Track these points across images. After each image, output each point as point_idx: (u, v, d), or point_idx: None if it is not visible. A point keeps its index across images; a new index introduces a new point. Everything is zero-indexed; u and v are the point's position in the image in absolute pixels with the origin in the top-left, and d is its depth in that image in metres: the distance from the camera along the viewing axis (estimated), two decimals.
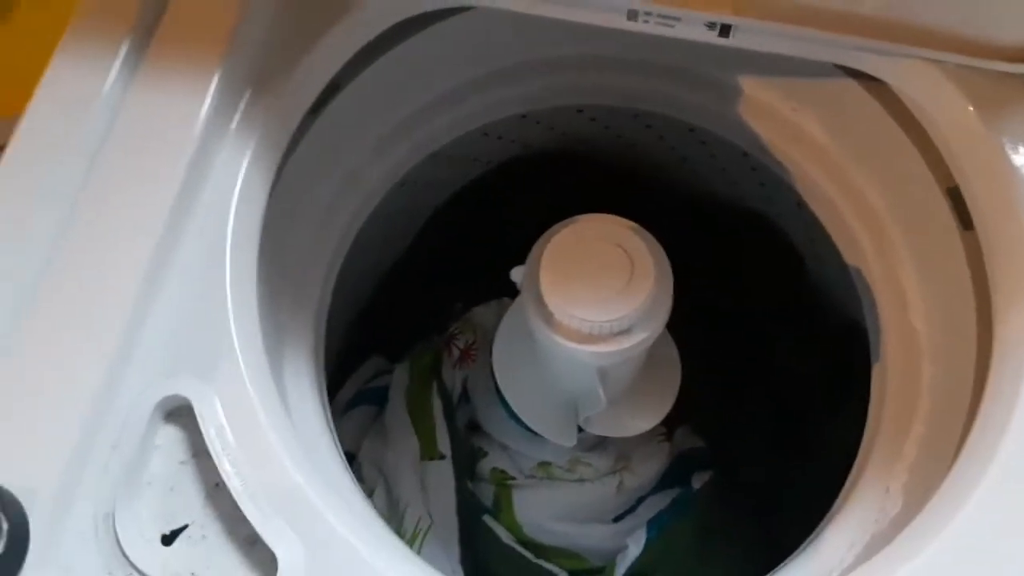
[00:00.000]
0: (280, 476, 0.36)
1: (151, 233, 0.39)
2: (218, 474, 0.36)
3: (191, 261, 0.40)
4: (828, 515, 0.50)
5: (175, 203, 0.40)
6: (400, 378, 0.69)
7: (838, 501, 0.50)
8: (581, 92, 0.67)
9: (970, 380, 0.45)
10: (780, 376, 0.76)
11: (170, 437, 0.38)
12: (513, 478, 0.65)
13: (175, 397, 0.37)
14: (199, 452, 0.37)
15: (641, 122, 0.72)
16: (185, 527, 0.36)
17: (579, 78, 0.65)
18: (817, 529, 0.49)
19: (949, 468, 0.40)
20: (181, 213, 0.40)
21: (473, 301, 0.77)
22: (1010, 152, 0.44)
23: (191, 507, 0.36)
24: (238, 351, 0.38)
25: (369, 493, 0.63)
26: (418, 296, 0.81)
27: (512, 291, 0.51)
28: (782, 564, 0.48)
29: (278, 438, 0.37)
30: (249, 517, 0.34)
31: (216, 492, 0.36)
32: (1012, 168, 0.44)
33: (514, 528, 0.64)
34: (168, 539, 0.35)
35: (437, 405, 0.66)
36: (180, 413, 0.38)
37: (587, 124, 0.73)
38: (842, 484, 0.51)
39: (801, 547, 0.49)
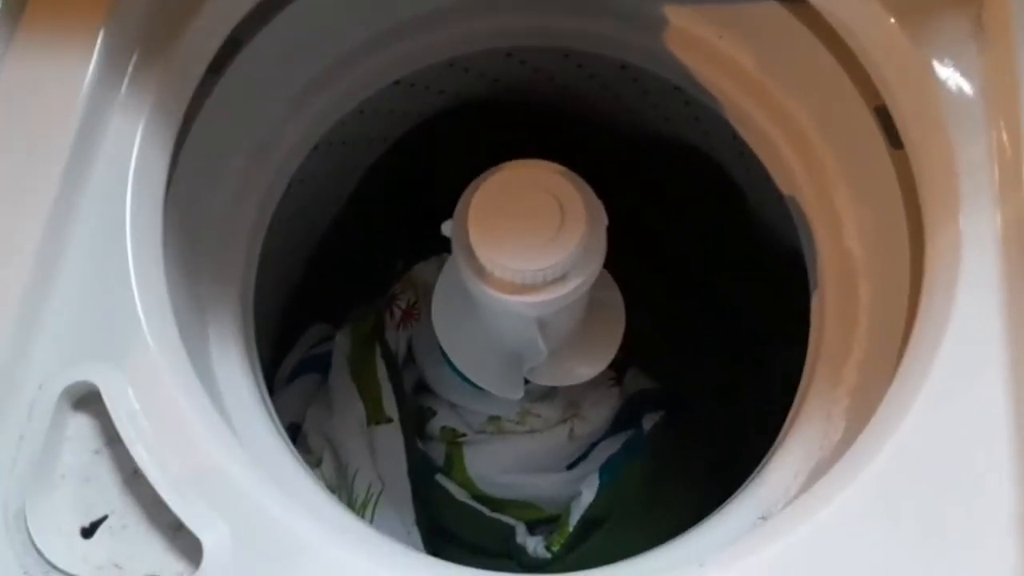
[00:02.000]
0: (200, 458, 0.34)
1: (40, 212, 0.36)
2: (134, 461, 0.34)
3: (88, 239, 0.37)
4: (773, 445, 0.50)
5: (64, 177, 0.37)
6: (342, 343, 0.68)
7: (783, 431, 0.50)
8: (508, 34, 0.64)
9: (904, 299, 0.45)
10: (727, 311, 0.76)
11: (81, 426, 0.36)
12: (464, 435, 0.65)
13: (82, 384, 0.35)
14: (113, 439, 0.35)
15: (572, 62, 0.70)
16: (105, 518, 0.34)
17: (505, 20, 0.63)
18: (763, 460, 0.49)
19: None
20: (72, 188, 0.38)
21: (415, 259, 0.75)
22: (935, 65, 0.43)
23: (109, 497, 0.34)
24: (146, 331, 0.36)
25: (316, 463, 0.62)
26: (358, 258, 0.79)
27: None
28: (730, 499, 0.48)
29: (197, 419, 0.35)
30: (169, 503, 0.33)
31: (134, 479, 0.35)
32: (937, 82, 0.43)
33: (467, 484, 0.63)
34: (88, 531, 0.34)
35: (381, 368, 0.64)
36: (90, 400, 0.35)
37: (517, 68, 0.71)
38: None
39: (748, 479, 0.49)
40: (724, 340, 0.74)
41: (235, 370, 0.48)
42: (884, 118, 0.48)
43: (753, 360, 0.71)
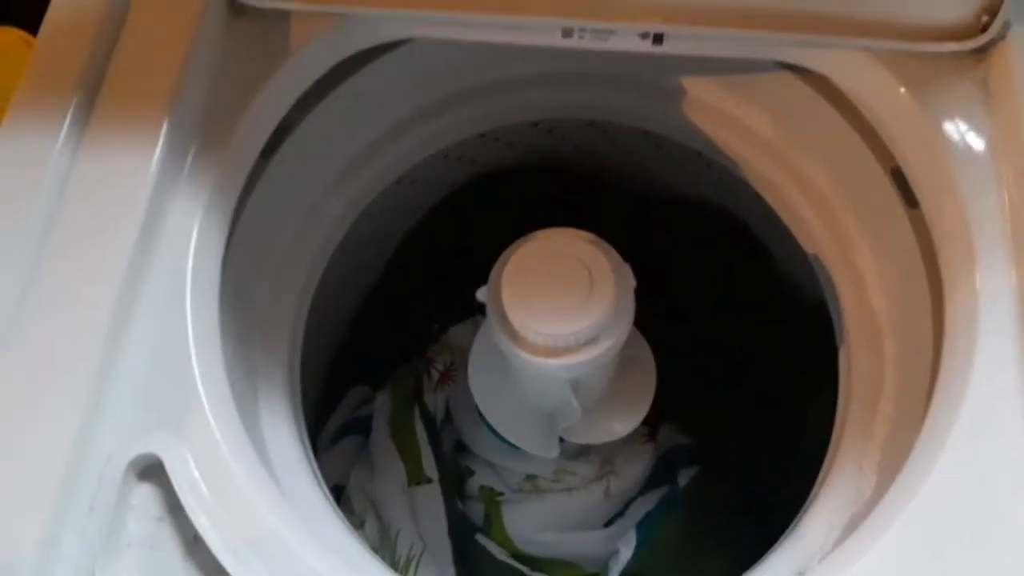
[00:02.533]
0: (256, 523, 0.36)
1: (109, 293, 0.39)
2: (195, 528, 0.36)
3: (152, 318, 0.40)
4: (808, 500, 0.51)
5: (131, 261, 0.40)
6: (382, 405, 0.70)
7: (816, 485, 0.51)
8: (534, 108, 0.68)
9: (929, 354, 0.46)
10: (758, 366, 0.77)
11: (145, 495, 0.38)
12: (501, 494, 0.66)
13: (147, 455, 0.38)
14: (175, 507, 0.37)
15: (597, 130, 0.73)
16: None
17: (531, 95, 0.66)
18: (798, 515, 0.50)
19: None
20: (138, 270, 0.41)
21: (451, 321, 0.78)
22: (944, 128, 0.45)
23: (172, 563, 0.37)
24: (205, 403, 0.39)
25: (360, 524, 0.64)
26: (397, 321, 0.81)
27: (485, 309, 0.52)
28: (766, 555, 0.48)
29: (252, 486, 0.38)
30: (228, 568, 0.35)
31: (195, 545, 0.37)
32: (947, 144, 0.45)
33: (507, 543, 0.64)
34: None
35: (420, 429, 0.66)
36: (153, 470, 0.38)
37: (544, 137, 0.74)
38: None
39: (784, 534, 0.49)
40: (755, 392, 0.75)
41: (283, 433, 0.51)
42: (899, 179, 0.50)
43: (784, 411, 0.72)
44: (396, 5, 0.46)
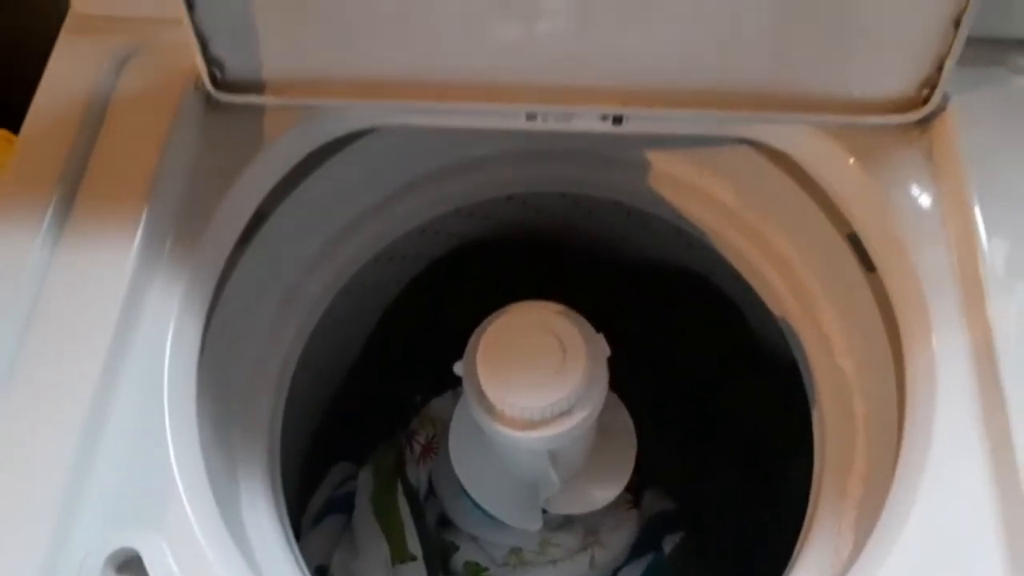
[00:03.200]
0: None
1: (87, 387, 0.40)
2: None
3: (129, 411, 0.41)
4: (789, 563, 0.51)
5: (109, 355, 0.41)
6: (365, 482, 0.70)
7: (797, 546, 0.51)
8: (506, 184, 0.70)
9: (895, 412, 0.47)
10: (738, 427, 0.77)
11: None
12: (487, 569, 0.66)
13: (125, 549, 0.38)
14: None
15: (568, 201, 0.75)
16: None
17: (501, 172, 0.68)
18: None
19: None
20: (116, 364, 0.41)
21: (432, 394, 0.78)
22: (893, 195, 0.47)
23: None
24: (183, 496, 0.39)
25: None
26: (378, 396, 0.82)
27: None
28: None
29: None
30: None
31: None
32: (897, 210, 0.47)
33: None
34: None
35: (403, 504, 0.66)
36: (132, 564, 0.38)
37: (518, 209, 0.76)
38: None
39: None
40: (737, 454, 0.75)
41: (264, 518, 0.51)
42: (856, 244, 0.52)
43: (766, 471, 0.73)
44: (363, 96, 0.48)
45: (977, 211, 0.45)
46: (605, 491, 0.60)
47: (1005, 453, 0.39)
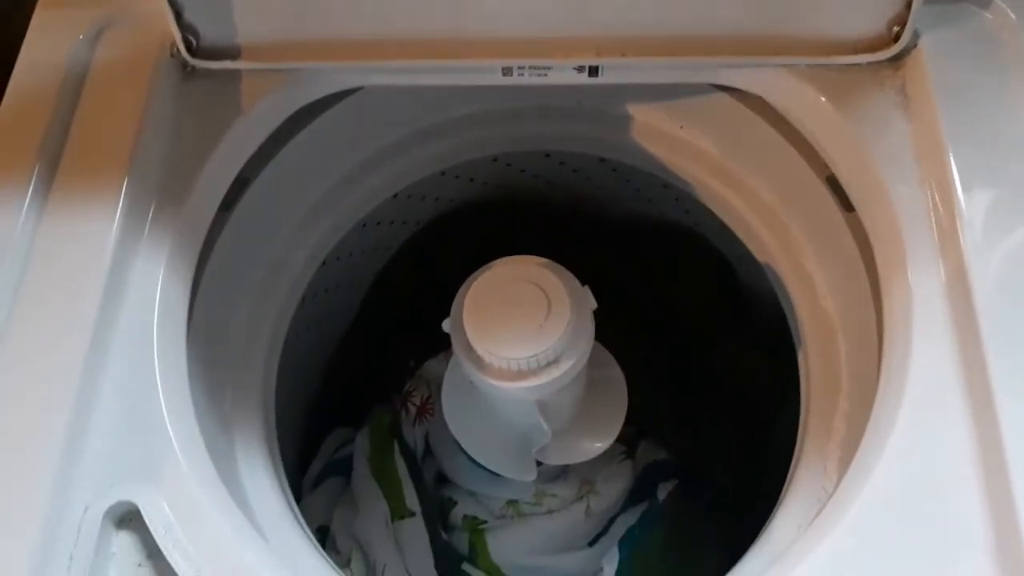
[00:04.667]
0: (233, 562, 0.38)
1: (78, 350, 0.41)
2: (175, 571, 0.37)
3: (121, 372, 0.42)
4: (777, 501, 0.52)
5: (98, 318, 0.42)
6: (362, 444, 0.71)
7: (785, 486, 0.52)
8: (490, 143, 0.70)
9: (875, 349, 0.48)
10: (729, 375, 0.78)
11: (124, 543, 0.39)
12: (484, 521, 0.67)
13: (124, 503, 0.39)
14: (153, 553, 0.38)
15: (554, 160, 0.75)
16: None
17: (485, 131, 0.68)
18: (769, 517, 0.51)
19: None
20: (105, 327, 0.42)
21: (425, 356, 0.79)
22: (868, 135, 0.48)
23: None
24: (177, 450, 0.40)
25: (346, 562, 0.64)
26: (373, 361, 0.83)
27: None
28: (741, 559, 0.50)
29: (229, 527, 0.39)
30: None
31: None
32: (872, 150, 0.47)
33: (493, 570, 0.65)
34: None
35: (401, 464, 0.67)
36: (131, 518, 0.39)
37: (504, 170, 0.77)
38: None
39: (756, 537, 0.51)
40: (728, 402, 0.77)
41: (262, 479, 0.52)
42: (835, 186, 0.52)
43: (757, 418, 0.74)
44: (339, 58, 0.48)
45: (950, 148, 0.45)
46: (597, 442, 0.61)
47: (980, 384, 0.40)
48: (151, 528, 0.38)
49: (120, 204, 0.45)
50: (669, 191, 0.70)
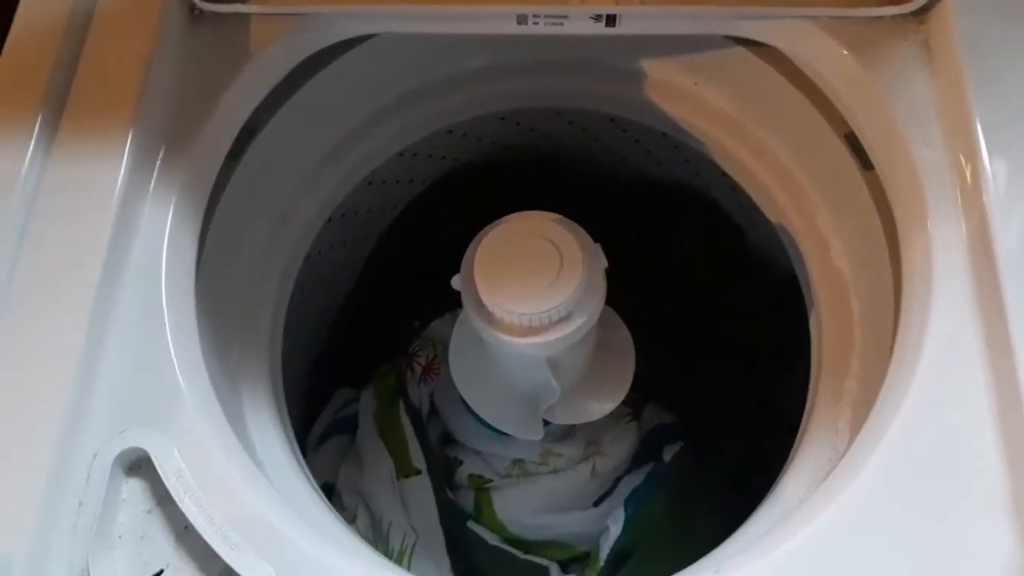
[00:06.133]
0: (243, 508, 0.37)
1: (87, 297, 0.40)
2: (185, 517, 0.37)
3: (130, 318, 0.41)
4: (787, 461, 0.52)
5: (105, 265, 0.41)
6: (367, 403, 0.71)
7: (794, 446, 0.52)
8: (499, 99, 0.69)
9: (891, 310, 0.48)
10: (736, 338, 0.78)
11: (134, 489, 0.39)
12: (490, 480, 0.67)
13: (133, 450, 0.39)
14: (164, 499, 0.38)
15: (563, 119, 0.74)
16: (161, 572, 0.37)
17: (495, 86, 0.67)
18: (778, 477, 0.51)
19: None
20: (113, 274, 0.42)
21: (431, 317, 0.79)
22: (891, 90, 0.47)
23: (164, 552, 0.37)
24: (187, 397, 0.39)
25: (351, 519, 0.64)
26: (379, 320, 0.82)
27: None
28: (749, 517, 0.49)
29: (238, 473, 0.38)
30: (219, 552, 0.36)
31: (186, 534, 0.38)
32: (895, 105, 0.46)
33: (498, 529, 0.65)
34: None
35: (406, 423, 0.67)
36: (141, 464, 0.39)
37: (512, 129, 0.76)
38: None
39: (766, 496, 0.51)
40: (736, 365, 0.76)
41: (269, 432, 0.51)
42: (853, 143, 0.51)
43: (765, 381, 0.73)
44: (351, 2, 0.47)
45: (975, 104, 0.44)
46: (605, 402, 0.61)
47: (1001, 341, 0.39)
48: (162, 475, 0.38)
49: (127, 150, 0.44)
50: (680, 152, 0.69)
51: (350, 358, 0.80)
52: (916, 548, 0.36)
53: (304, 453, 0.72)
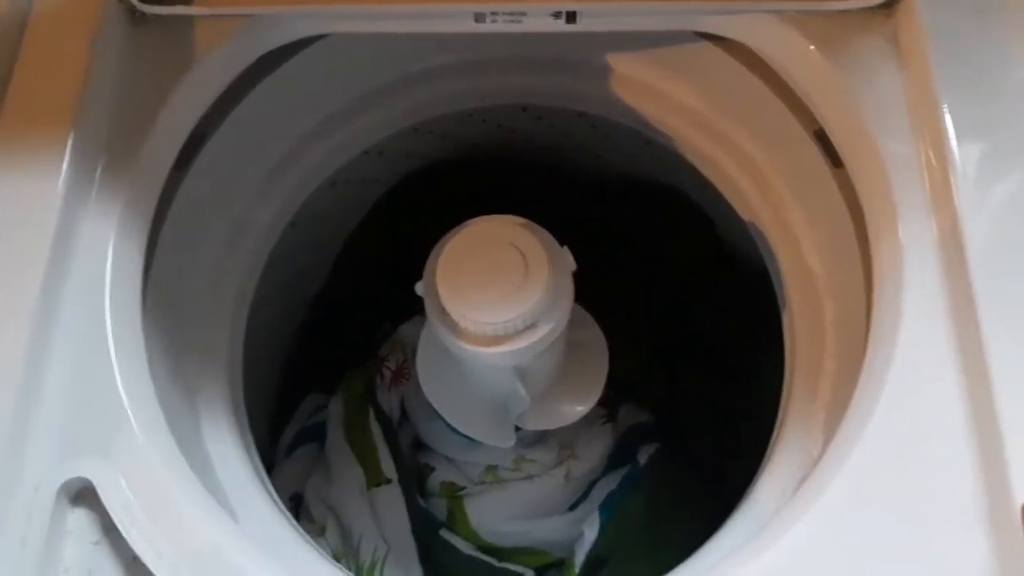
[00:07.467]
0: (194, 539, 0.36)
1: (24, 321, 0.38)
2: (132, 549, 0.35)
3: (72, 341, 0.39)
4: (761, 465, 0.51)
5: (44, 285, 0.39)
6: (335, 410, 0.69)
7: (768, 449, 0.51)
8: (464, 96, 0.67)
9: (863, 310, 0.47)
10: (710, 337, 0.77)
11: (80, 520, 0.37)
12: (463, 488, 0.66)
13: (77, 479, 0.37)
14: (110, 529, 0.36)
15: (531, 115, 0.73)
16: None
17: (458, 83, 0.65)
18: (752, 482, 0.50)
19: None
20: (52, 295, 0.40)
21: (400, 320, 0.77)
22: (859, 86, 0.46)
23: None
24: (133, 423, 0.38)
25: (320, 531, 0.63)
26: (346, 325, 0.80)
27: None
28: (725, 523, 0.48)
29: (188, 502, 0.37)
30: None
31: (135, 565, 0.36)
32: (863, 101, 0.45)
33: (472, 537, 0.64)
34: None
35: (376, 430, 0.66)
36: (85, 495, 0.37)
37: (479, 126, 0.74)
38: None
39: (740, 501, 0.50)
40: (710, 364, 0.75)
41: (228, 449, 0.50)
42: (823, 140, 0.50)
43: (739, 380, 0.73)
44: (298, 2, 0.45)
45: (944, 98, 0.43)
46: (578, 406, 0.60)
47: (973, 342, 0.39)
48: (107, 506, 0.36)
49: (66, 162, 0.42)
50: (651, 148, 0.68)
51: (318, 364, 0.78)
52: (892, 557, 0.35)
53: (274, 462, 0.71)
